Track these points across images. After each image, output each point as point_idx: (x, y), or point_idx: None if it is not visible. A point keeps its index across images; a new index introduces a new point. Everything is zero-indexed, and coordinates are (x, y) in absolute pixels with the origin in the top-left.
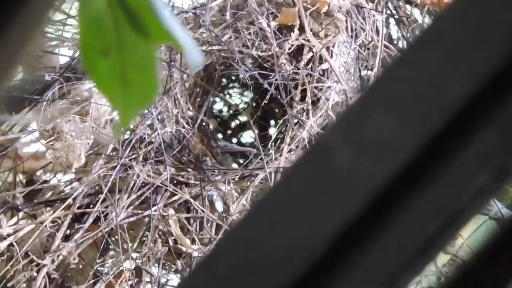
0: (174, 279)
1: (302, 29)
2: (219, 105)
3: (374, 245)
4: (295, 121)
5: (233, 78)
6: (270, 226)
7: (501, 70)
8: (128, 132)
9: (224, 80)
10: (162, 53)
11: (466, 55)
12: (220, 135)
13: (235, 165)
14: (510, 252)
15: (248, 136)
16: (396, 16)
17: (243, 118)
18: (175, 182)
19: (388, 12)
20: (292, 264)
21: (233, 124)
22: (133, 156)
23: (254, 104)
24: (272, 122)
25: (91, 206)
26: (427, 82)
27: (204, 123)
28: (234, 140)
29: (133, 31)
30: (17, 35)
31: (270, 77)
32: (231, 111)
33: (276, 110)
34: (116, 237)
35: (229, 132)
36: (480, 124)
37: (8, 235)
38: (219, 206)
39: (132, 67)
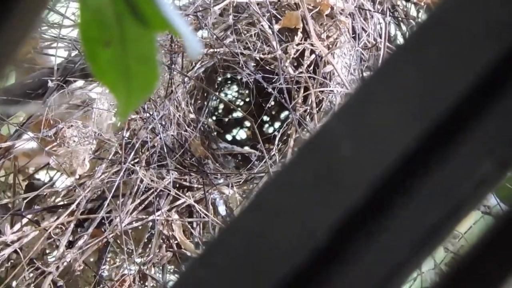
0: None
1: (304, 32)
2: (214, 103)
3: (376, 234)
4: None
5: (229, 76)
6: (271, 216)
7: (502, 60)
8: (129, 135)
9: (219, 79)
10: (163, 57)
11: (466, 44)
12: (215, 133)
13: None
14: (506, 246)
15: (243, 133)
16: (395, 15)
17: (238, 115)
18: (177, 186)
19: (390, 13)
20: (295, 253)
21: (227, 121)
22: (136, 161)
23: (248, 101)
24: (266, 118)
25: (94, 211)
26: (427, 72)
27: (204, 125)
28: (229, 137)
29: (134, 20)
30: (10, 34)
31: (273, 80)
32: (226, 109)
33: (271, 107)
34: (119, 241)
35: (224, 129)
36: (483, 114)
37: (12, 242)
38: (222, 209)
39: (134, 58)
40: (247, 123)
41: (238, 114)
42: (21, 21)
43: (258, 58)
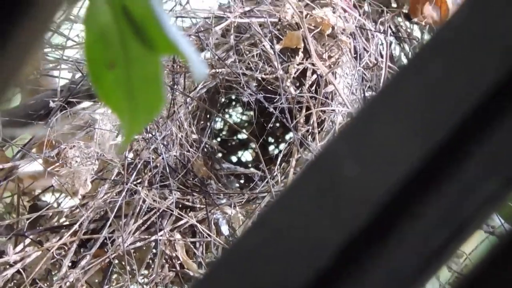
0: None
1: (306, 52)
2: (219, 124)
3: (380, 254)
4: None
5: (233, 97)
6: (275, 236)
7: (506, 79)
8: (132, 156)
9: (223, 100)
10: (166, 77)
11: (469, 65)
12: (220, 155)
13: (238, 186)
14: (510, 265)
15: (248, 155)
16: (398, 35)
17: (242, 137)
18: (180, 206)
19: (391, 32)
20: (298, 273)
21: (232, 143)
22: (138, 181)
23: (254, 122)
24: (271, 140)
25: (97, 231)
26: (430, 94)
27: (207, 146)
28: (234, 158)
29: (139, 43)
30: (14, 54)
31: (275, 100)
32: (231, 131)
33: (276, 128)
34: (122, 262)
35: (229, 151)
36: (486, 133)
37: (15, 262)
38: (225, 229)
39: (138, 80)
40: (253, 145)
41: (242, 135)
42: (24, 41)
43: (260, 78)
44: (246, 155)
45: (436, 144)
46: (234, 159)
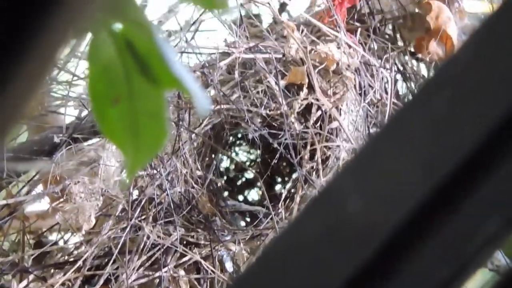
0: None
1: (310, 88)
2: (225, 163)
3: None
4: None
5: (240, 136)
6: (277, 274)
7: (507, 118)
8: (137, 193)
9: (231, 138)
10: (171, 113)
11: (474, 100)
12: (226, 193)
13: (243, 224)
14: None
15: (255, 194)
16: (404, 72)
17: (249, 176)
18: (185, 242)
19: (396, 69)
20: None
21: (239, 182)
22: (143, 217)
23: (259, 160)
24: (279, 179)
25: (101, 268)
26: (435, 129)
27: (212, 183)
28: (241, 197)
29: (143, 78)
30: (18, 89)
31: (279, 136)
32: (238, 170)
33: (282, 167)
34: None
35: (236, 190)
36: (490, 171)
37: None
38: (229, 266)
39: (142, 115)
40: (259, 184)
41: (249, 174)
42: (27, 78)
43: (264, 115)
44: (253, 194)
45: (439, 180)
46: (240, 198)
